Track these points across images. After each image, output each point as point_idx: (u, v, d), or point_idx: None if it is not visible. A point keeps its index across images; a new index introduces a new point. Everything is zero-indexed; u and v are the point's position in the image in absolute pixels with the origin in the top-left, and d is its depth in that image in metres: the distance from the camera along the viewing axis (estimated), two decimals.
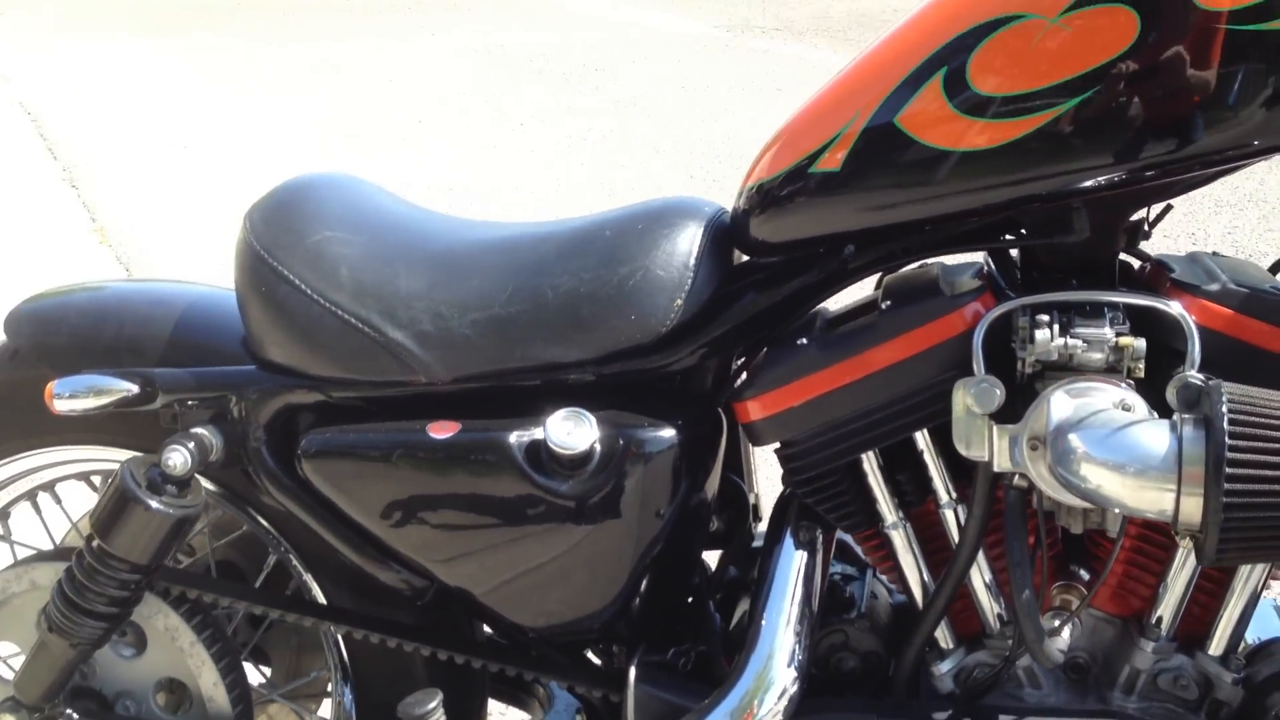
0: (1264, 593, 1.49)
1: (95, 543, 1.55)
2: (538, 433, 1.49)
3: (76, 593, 1.56)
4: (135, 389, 1.56)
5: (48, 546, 1.86)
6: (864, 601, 1.62)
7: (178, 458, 1.51)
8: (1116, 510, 1.33)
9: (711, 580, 1.71)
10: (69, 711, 1.66)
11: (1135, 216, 1.45)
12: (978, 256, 1.55)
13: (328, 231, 1.55)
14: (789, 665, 1.46)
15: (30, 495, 1.83)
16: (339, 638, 1.71)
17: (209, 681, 1.66)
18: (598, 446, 1.48)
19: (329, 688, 1.85)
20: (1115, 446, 1.28)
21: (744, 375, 1.53)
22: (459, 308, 1.50)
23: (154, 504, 1.51)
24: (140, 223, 5.26)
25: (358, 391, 1.54)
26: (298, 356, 1.54)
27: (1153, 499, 1.26)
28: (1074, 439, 1.30)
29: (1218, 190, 4.22)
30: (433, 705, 1.50)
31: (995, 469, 1.38)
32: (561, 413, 1.48)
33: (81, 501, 1.87)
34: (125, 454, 1.73)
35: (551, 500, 1.49)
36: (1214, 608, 1.48)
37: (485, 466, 1.49)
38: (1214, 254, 1.51)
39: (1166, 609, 1.47)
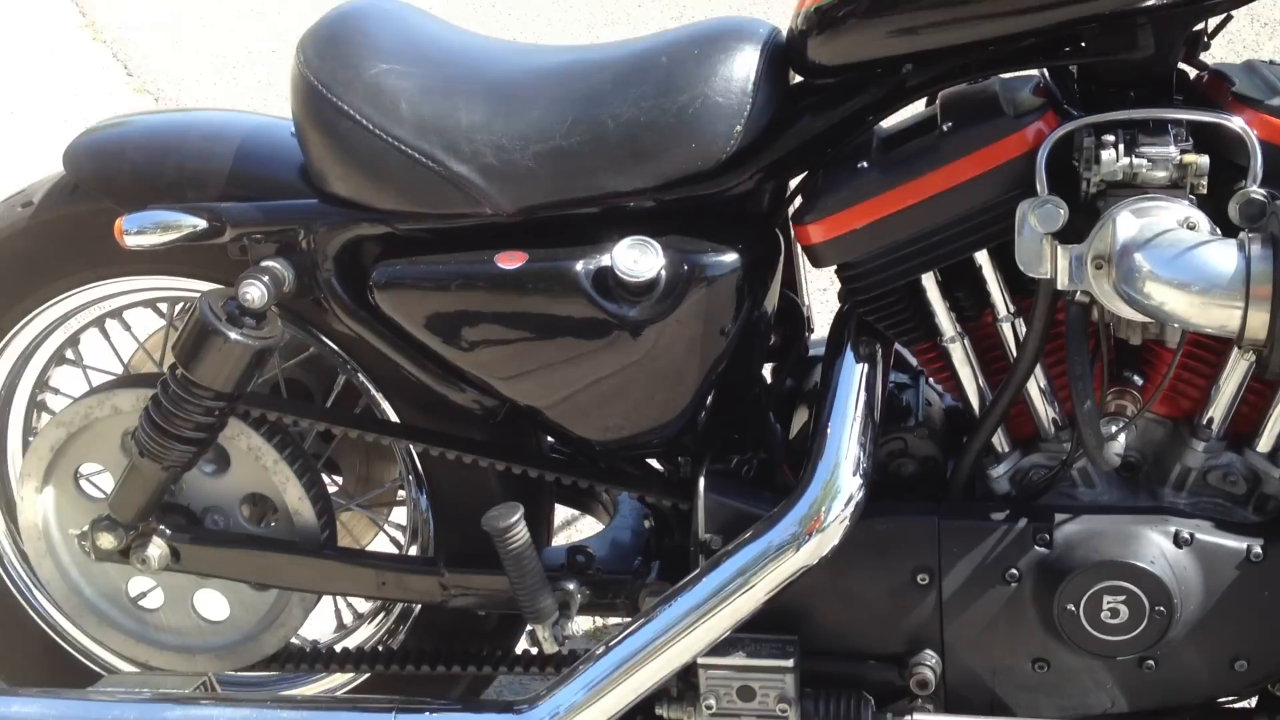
0: None
1: (179, 372, 1.59)
2: (604, 261, 1.51)
3: (165, 419, 1.62)
4: (204, 224, 1.58)
5: (117, 370, 1.91)
6: (920, 409, 1.66)
7: (254, 291, 1.54)
8: (1178, 326, 1.36)
9: (769, 392, 1.75)
10: (161, 527, 1.73)
11: (1195, 28, 1.43)
12: (1033, 71, 1.54)
13: (384, 64, 1.54)
14: (854, 474, 1.51)
15: (98, 322, 1.87)
16: (414, 453, 1.77)
17: (294, 496, 1.73)
18: (663, 273, 1.50)
19: (400, 495, 1.93)
20: (1182, 266, 1.30)
21: (805, 199, 1.54)
22: (520, 140, 1.51)
23: (234, 336, 1.55)
24: (132, 19, 5.08)
25: (424, 224, 1.56)
26: (362, 191, 1.55)
27: (1219, 316, 1.29)
28: (1140, 258, 1.32)
29: (1266, 9, 4.05)
30: (516, 519, 1.57)
31: (1059, 287, 1.40)
32: (627, 241, 1.50)
33: (148, 325, 1.91)
34: (189, 282, 1.77)
35: (618, 325, 1.52)
36: (1262, 407, 1.52)
37: (553, 294, 1.53)
38: (1271, 62, 1.50)
39: (1217, 410, 1.51)
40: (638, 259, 1.49)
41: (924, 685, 1.58)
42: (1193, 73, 1.51)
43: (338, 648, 1.90)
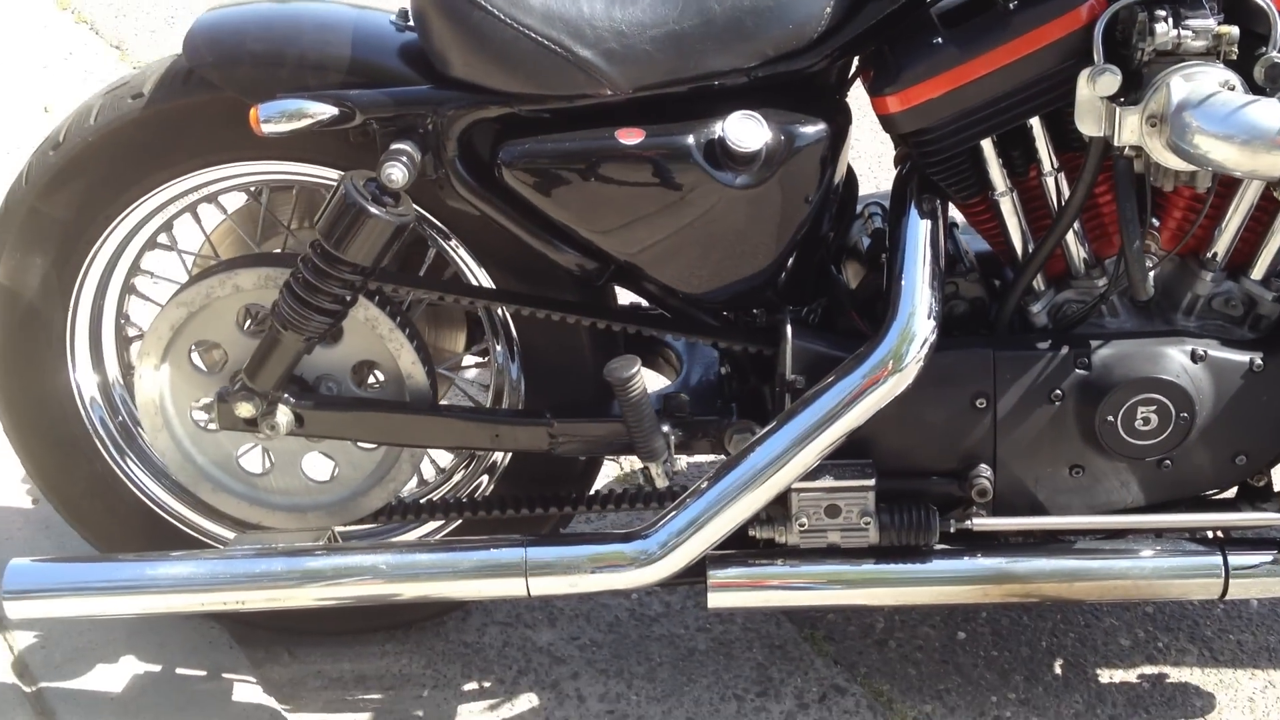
0: None
1: (322, 248, 1.70)
2: (713, 133, 1.67)
3: (308, 291, 1.73)
4: (335, 110, 1.69)
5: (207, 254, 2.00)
6: (965, 257, 1.87)
7: (397, 172, 1.66)
8: (1223, 173, 1.58)
9: (830, 246, 1.93)
10: (285, 395, 1.85)
11: None
12: None
13: None
14: (928, 317, 1.71)
15: (191, 207, 1.95)
16: (508, 317, 1.91)
17: (408, 360, 1.86)
18: (767, 143, 1.67)
19: (473, 360, 2.08)
20: (1233, 121, 1.52)
21: (882, 72, 1.71)
22: (638, 26, 1.65)
23: (378, 213, 1.67)
24: None
25: (546, 105, 1.70)
26: (491, 75, 1.68)
27: (1264, 163, 1.52)
28: (1192, 115, 1.54)
29: None
30: (635, 369, 1.73)
31: (1116, 144, 1.61)
32: (736, 115, 1.66)
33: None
34: (285, 165, 1.86)
35: (725, 190, 1.69)
36: (1255, 242, 1.77)
37: (668, 165, 1.69)
38: None
39: (1222, 245, 1.75)
40: (746, 131, 1.66)
41: (983, 494, 1.81)
42: None
43: (436, 499, 2.05)
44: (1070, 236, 1.77)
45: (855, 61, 1.81)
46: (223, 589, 1.84)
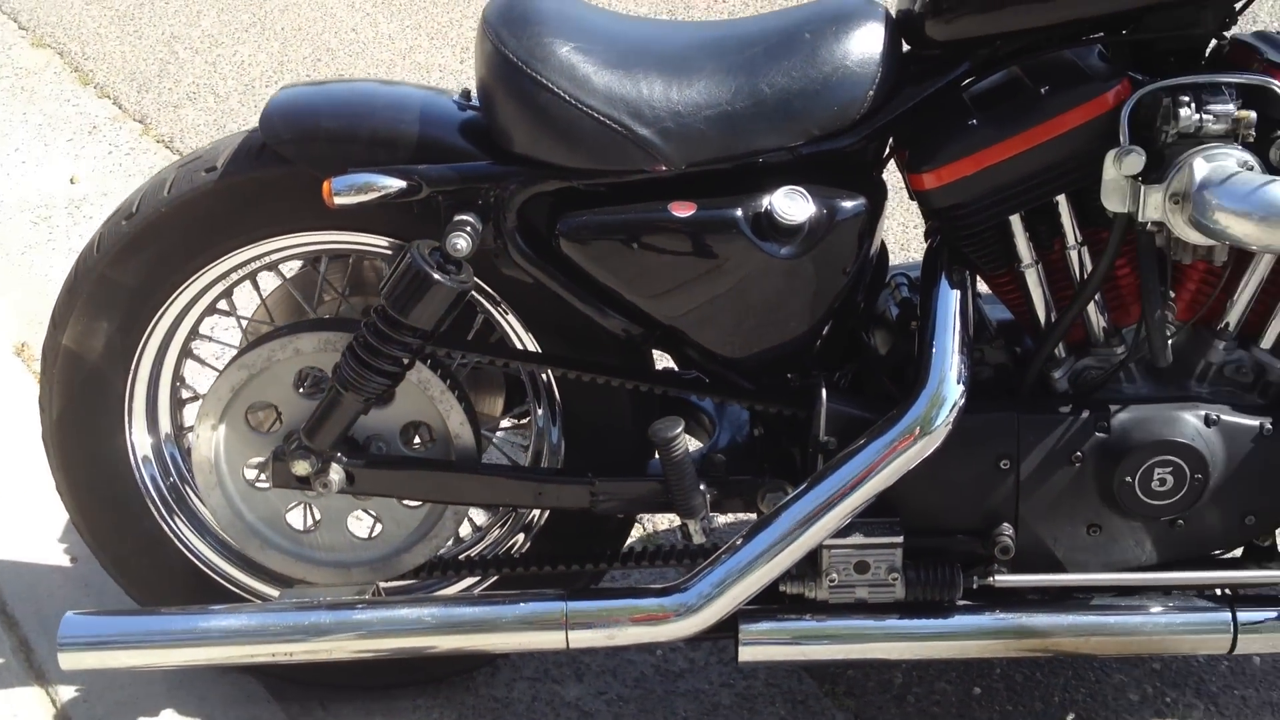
0: None
1: (386, 313, 1.72)
2: (761, 207, 1.72)
3: (370, 354, 1.76)
4: (403, 184, 1.72)
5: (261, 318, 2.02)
6: (989, 326, 1.91)
7: (462, 242, 1.69)
8: (1240, 248, 1.63)
9: (862, 314, 1.97)
10: (338, 454, 1.86)
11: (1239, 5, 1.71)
12: None
13: (571, 43, 1.71)
14: (957, 383, 1.75)
15: (251, 275, 1.98)
16: (553, 381, 1.94)
17: (456, 421, 1.88)
18: (811, 217, 1.71)
19: (510, 423, 2.10)
20: (1252, 200, 1.58)
21: (919, 151, 1.77)
22: (694, 106, 1.71)
23: (442, 280, 1.70)
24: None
25: (604, 180, 1.74)
26: (553, 151, 1.72)
27: None
28: (1213, 194, 1.60)
29: None
30: (679, 430, 1.77)
31: (1140, 219, 1.66)
32: (783, 190, 1.71)
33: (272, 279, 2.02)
34: (348, 235, 1.89)
35: (771, 261, 1.73)
36: (1266, 313, 1.83)
37: (718, 236, 1.74)
38: (1278, 32, 1.79)
39: (1234, 315, 1.81)
40: (793, 205, 1.71)
41: (1005, 552, 1.84)
42: (1214, 42, 1.78)
43: (475, 555, 2.06)
44: (1091, 306, 1.82)
45: (891, 140, 1.86)
46: (272, 641, 1.85)
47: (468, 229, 1.71)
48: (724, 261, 1.74)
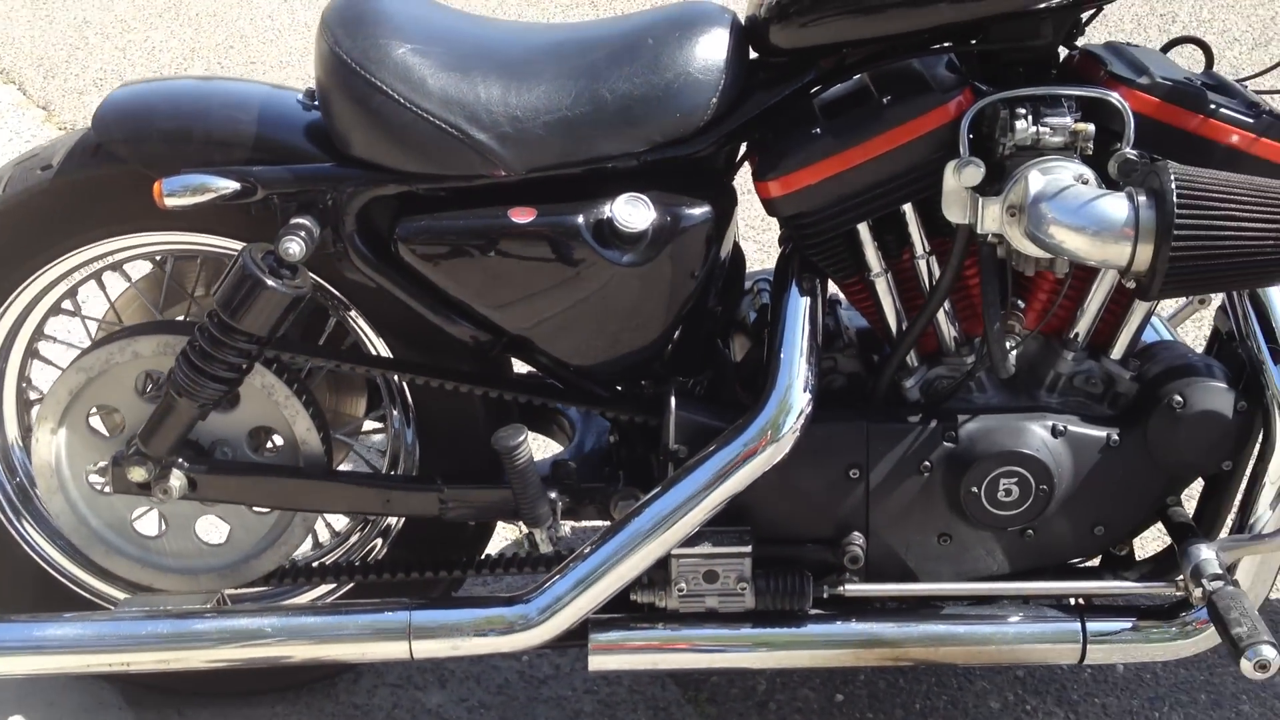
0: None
1: (219, 318, 1.68)
2: (602, 214, 1.69)
3: (203, 360, 1.72)
4: (237, 185, 1.68)
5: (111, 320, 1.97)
6: (845, 333, 1.89)
7: (295, 246, 1.65)
8: (1074, 261, 1.62)
9: (717, 320, 1.95)
10: (179, 460, 1.82)
11: (1082, 17, 1.70)
12: None
13: (409, 44, 1.67)
14: (805, 390, 1.73)
15: (97, 274, 1.93)
16: (404, 385, 1.90)
17: (303, 427, 1.85)
18: (653, 224, 1.68)
19: (373, 426, 2.06)
20: (1083, 213, 1.57)
21: (765, 159, 1.74)
22: (532, 111, 1.67)
23: (275, 285, 1.66)
24: None
25: (443, 185, 1.71)
26: (390, 155, 1.68)
27: (1113, 253, 1.56)
28: (1048, 207, 1.59)
29: None
30: (522, 438, 1.74)
31: (979, 231, 1.65)
32: (624, 197, 1.68)
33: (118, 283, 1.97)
34: (191, 236, 1.85)
35: (613, 268, 1.70)
36: (1115, 324, 1.82)
37: (558, 243, 1.70)
38: (1128, 44, 1.78)
39: (1083, 326, 1.80)
40: (633, 212, 1.68)
41: (855, 561, 1.83)
42: (1064, 52, 1.77)
43: (328, 561, 2.02)
44: (941, 316, 1.80)
45: (743, 147, 1.84)
46: (111, 651, 1.80)
47: (302, 233, 1.67)
48: (566, 269, 1.71)
